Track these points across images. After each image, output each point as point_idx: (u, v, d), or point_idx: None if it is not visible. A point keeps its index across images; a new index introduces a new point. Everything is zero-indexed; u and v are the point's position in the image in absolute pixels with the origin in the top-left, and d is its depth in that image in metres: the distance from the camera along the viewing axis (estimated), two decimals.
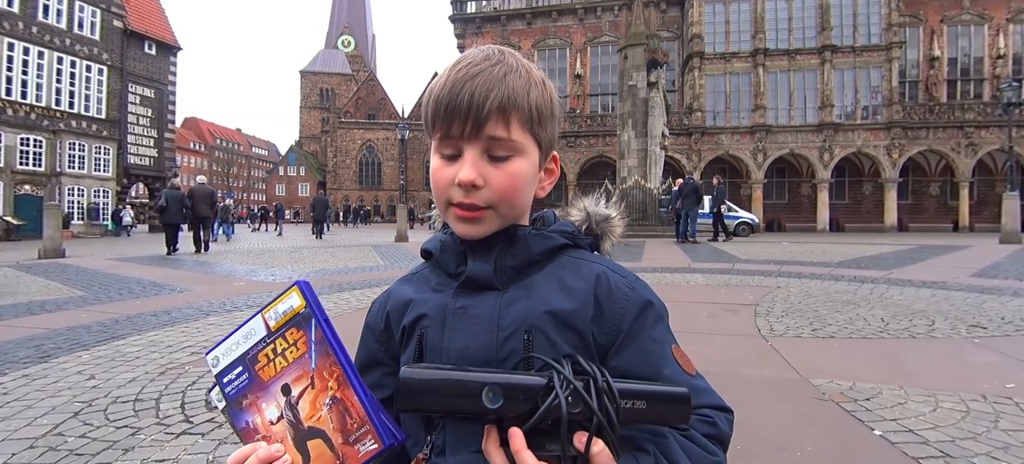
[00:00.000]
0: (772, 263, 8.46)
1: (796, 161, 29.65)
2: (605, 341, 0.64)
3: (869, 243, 14.58)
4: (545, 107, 0.67)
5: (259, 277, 7.00)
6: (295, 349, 0.59)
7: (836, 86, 27.95)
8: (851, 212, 29.99)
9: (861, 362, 2.82)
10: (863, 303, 4.54)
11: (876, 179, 28.75)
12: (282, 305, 0.59)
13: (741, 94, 28.97)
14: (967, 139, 26.84)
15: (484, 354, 0.63)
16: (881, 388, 2.30)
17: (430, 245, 0.75)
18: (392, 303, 0.75)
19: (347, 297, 5.09)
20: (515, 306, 0.65)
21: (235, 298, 5.05)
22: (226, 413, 0.60)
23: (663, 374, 0.63)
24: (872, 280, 6.12)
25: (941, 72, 29.01)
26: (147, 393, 2.30)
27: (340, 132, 71.26)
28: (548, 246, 0.69)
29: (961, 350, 2.96)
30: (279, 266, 8.57)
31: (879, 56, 27.53)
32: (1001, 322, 3.64)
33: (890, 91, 27.36)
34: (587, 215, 0.76)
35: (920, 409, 2.04)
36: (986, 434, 1.77)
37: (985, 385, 2.29)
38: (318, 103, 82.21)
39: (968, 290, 5.21)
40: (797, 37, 28.51)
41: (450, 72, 0.66)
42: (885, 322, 3.74)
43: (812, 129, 28.04)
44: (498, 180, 0.64)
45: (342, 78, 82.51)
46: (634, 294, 0.67)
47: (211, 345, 0.60)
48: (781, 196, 30.97)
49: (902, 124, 27.08)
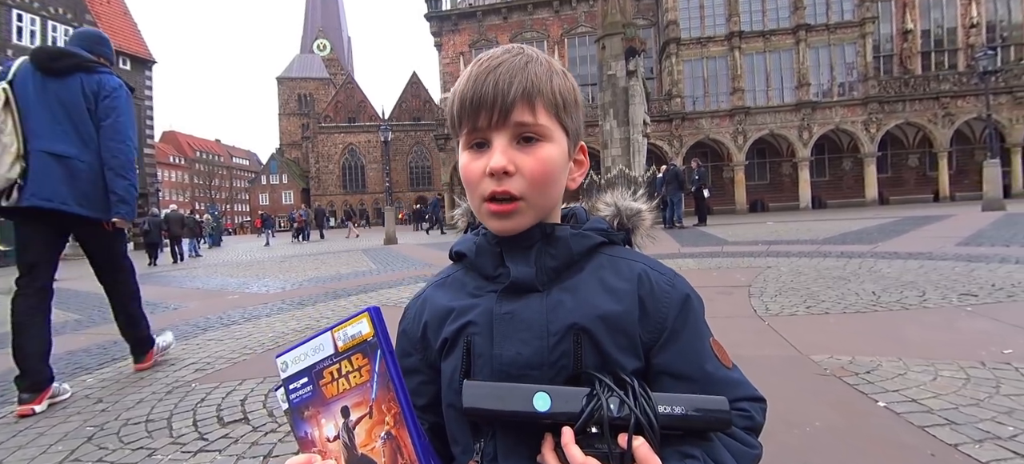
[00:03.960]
0: (760, 244, 8.59)
1: (776, 141, 30.06)
2: (649, 340, 0.65)
3: (852, 218, 14.85)
4: (569, 95, 0.68)
5: (252, 289, 6.93)
6: (358, 375, 0.60)
7: (812, 65, 28.37)
8: (832, 188, 30.53)
9: (858, 336, 2.89)
10: (853, 278, 4.64)
11: (855, 154, 29.29)
12: (352, 328, 0.60)
13: (719, 78, 29.27)
14: (944, 110, 27.45)
15: (535, 360, 0.63)
16: (880, 361, 2.37)
17: (463, 247, 0.74)
18: (429, 312, 0.74)
19: (345, 304, 5.07)
20: (561, 309, 0.64)
21: (230, 312, 5.00)
22: (288, 415, 0.62)
23: (706, 370, 0.65)
24: (859, 255, 6.24)
25: (915, 45, 29.57)
26: (157, 413, 2.28)
27: (321, 137, 70.59)
28: (587, 245, 0.69)
29: (954, 319, 3.04)
30: (271, 276, 8.49)
31: (853, 32, 27.99)
32: (991, 289, 3.75)
33: (865, 66, 27.84)
34: (617, 210, 0.76)
35: (920, 379, 2.10)
36: (988, 400, 1.84)
37: (982, 352, 2.36)
38: (297, 109, 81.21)
39: (955, 259, 5.34)
40: (771, 18, 28.85)
41: (471, 69, 0.66)
42: (877, 295, 3.83)
43: (790, 109, 28.45)
44: (529, 165, 0.64)
45: (320, 82, 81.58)
46: (675, 291, 0.67)
47: (282, 348, 0.63)
48: (763, 177, 31.40)
49: (878, 98, 27.60)
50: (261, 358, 3.19)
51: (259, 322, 4.39)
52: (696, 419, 0.56)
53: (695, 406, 0.57)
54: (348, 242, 21.05)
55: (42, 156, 2.44)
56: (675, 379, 0.64)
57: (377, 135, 67.27)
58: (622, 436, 0.54)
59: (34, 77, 2.48)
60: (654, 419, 0.55)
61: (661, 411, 0.55)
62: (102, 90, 2.58)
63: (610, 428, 0.54)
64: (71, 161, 2.50)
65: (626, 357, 0.63)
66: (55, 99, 2.49)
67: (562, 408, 0.55)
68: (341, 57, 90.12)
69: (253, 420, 2.17)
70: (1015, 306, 3.22)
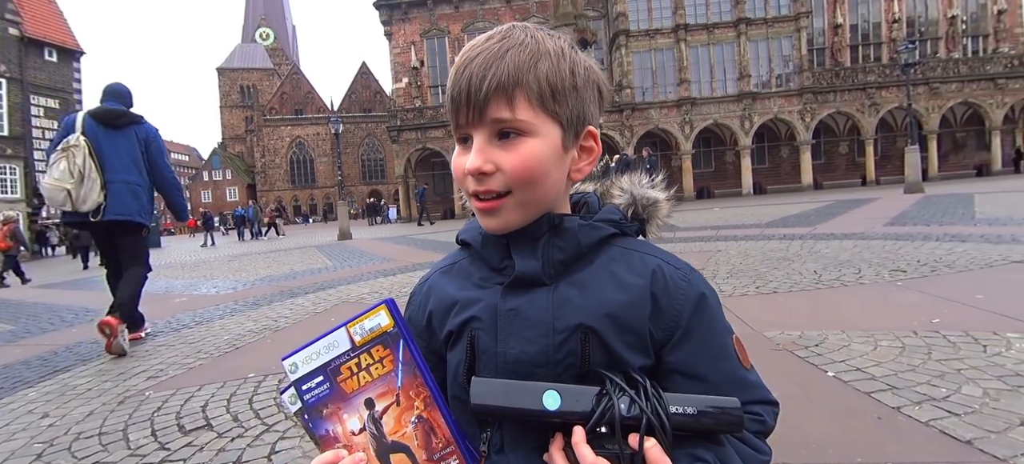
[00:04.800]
0: (709, 228, 8.98)
1: (720, 130, 31.33)
2: (662, 338, 0.62)
3: (791, 203, 15.74)
4: (560, 80, 0.60)
5: (201, 290, 6.60)
6: (380, 366, 0.60)
7: (752, 57, 29.71)
8: (772, 175, 32.18)
9: (804, 312, 3.09)
10: (796, 258, 4.94)
11: (792, 142, 30.97)
12: (369, 322, 0.60)
13: (666, 69, 30.15)
14: (870, 100, 29.47)
15: (541, 359, 0.61)
16: (826, 334, 2.55)
17: (469, 236, 0.71)
18: (434, 301, 0.71)
19: (302, 302, 4.92)
20: (568, 307, 0.62)
21: (179, 315, 4.76)
22: (299, 417, 0.61)
23: (720, 369, 0.62)
24: (800, 237, 6.65)
25: (844, 38, 31.51)
26: (111, 425, 2.16)
27: (266, 130, 67.63)
28: (597, 237, 0.65)
29: (888, 293, 3.31)
30: (220, 276, 8.11)
31: (789, 26, 29.48)
32: (917, 265, 4.09)
33: (800, 59, 29.43)
34: (632, 198, 0.72)
35: (863, 349, 2.28)
36: (923, 366, 2.02)
37: (914, 322, 2.59)
38: (240, 101, 77.27)
39: (884, 238, 5.78)
40: (714, 12, 29.93)
41: (457, 60, 0.63)
42: (818, 274, 4.10)
43: (733, 99, 29.72)
44: (509, 162, 0.59)
45: (263, 73, 77.87)
46: (690, 287, 0.64)
47: (287, 352, 0.61)
48: (708, 165, 32.70)
49: (812, 89, 29.29)
50: (219, 362, 3.07)
51: (212, 325, 4.20)
52: (708, 420, 0.55)
53: (708, 406, 0.55)
54: (300, 238, 20.36)
55: (118, 184, 3.52)
56: (687, 378, 0.62)
57: (326, 127, 65.11)
58: (633, 437, 0.53)
59: (100, 129, 3.55)
60: (666, 420, 0.53)
61: (673, 411, 0.54)
62: (149, 138, 3.74)
63: (621, 428, 0.53)
64: (135, 186, 3.61)
65: (635, 355, 0.61)
66: (121, 145, 3.60)
67: (572, 407, 0.54)
68: (285, 47, 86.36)
69: (217, 426, 2.09)
70: (938, 279, 3.54)
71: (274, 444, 1.89)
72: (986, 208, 8.46)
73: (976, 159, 31.27)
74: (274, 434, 1.97)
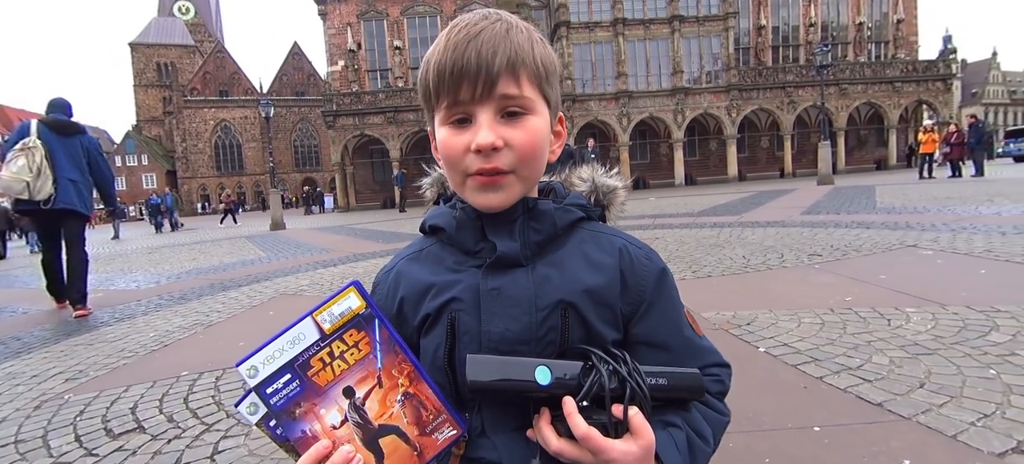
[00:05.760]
0: (646, 217, 9.36)
1: (655, 124, 32.61)
2: (629, 312, 0.66)
3: (719, 193, 16.70)
4: (550, 64, 0.65)
5: (118, 285, 6.09)
6: (356, 351, 0.57)
7: (685, 53, 31.07)
8: (701, 167, 33.94)
9: (736, 294, 3.32)
10: (727, 245, 5.28)
11: (720, 136, 32.78)
12: (338, 307, 0.57)
13: (605, 62, 30.90)
14: (788, 98, 31.74)
15: (524, 335, 0.63)
16: (756, 314, 2.76)
17: (441, 221, 0.70)
18: (406, 288, 0.71)
19: (237, 295, 4.66)
20: (548, 285, 0.64)
21: (97, 313, 4.38)
22: (263, 426, 0.57)
23: (681, 337, 0.68)
24: (729, 225, 7.09)
25: (767, 40, 33.63)
26: (28, 432, 1.97)
27: (187, 112, 62.80)
28: (570, 220, 0.68)
29: (807, 275, 3.62)
30: (140, 270, 7.51)
31: (718, 25, 31.05)
32: (831, 249, 4.49)
33: (728, 57, 31.13)
34: (594, 186, 0.75)
35: (788, 326, 2.49)
36: (839, 339, 2.24)
37: (830, 301, 2.86)
38: (156, 80, 70.91)
39: (801, 226, 6.28)
40: (650, 7, 30.96)
41: (448, 36, 0.62)
42: (747, 259, 4.40)
43: (667, 93, 30.99)
44: (519, 138, 0.61)
45: (183, 50, 71.90)
46: (652, 264, 0.68)
47: (241, 357, 0.56)
48: (644, 156, 33.99)
49: (738, 86, 31.10)
50: (146, 361, 2.86)
51: (135, 321, 3.90)
52: (677, 389, 0.61)
53: (675, 377, 0.61)
54: (228, 229, 19.17)
55: (65, 181, 4.31)
56: (652, 348, 0.66)
57: (255, 110, 61.45)
58: (616, 407, 0.56)
59: (53, 135, 4.33)
60: (647, 389, 0.57)
61: (649, 382, 0.58)
62: (91, 147, 4.59)
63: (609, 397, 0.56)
64: (78, 184, 4.41)
65: (608, 329, 0.65)
66: (69, 150, 4.39)
67: (562, 381, 0.57)
68: (208, 22, 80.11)
69: (151, 428, 1.96)
70: (849, 262, 3.91)
71: (216, 444, 1.80)
72: (885, 199, 9.39)
73: (876, 154, 34.59)
74: (215, 433, 1.88)
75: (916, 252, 4.08)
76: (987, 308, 2.47)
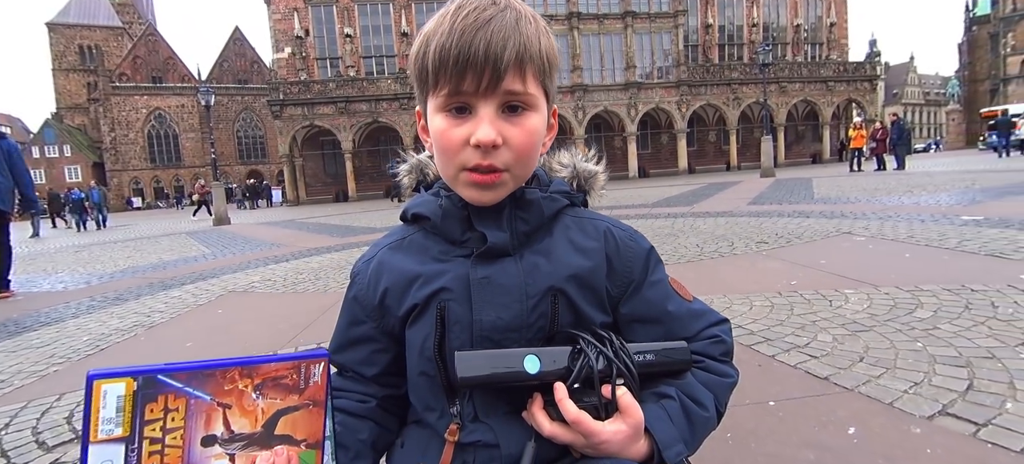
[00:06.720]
0: (604, 209, 9.50)
1: (609, 117, 33.29)
2: (617, 293, 0.67)
3: (670, 185, 17.27)
4: (553, 58, 0.63)
5: (42, 286, 5.64)
6: (176, 412, 0.51)
7: (637, 49, 31.83)
8: (653, 160, 34.99)
9: (691, 280, 3.43)
10: (681, 234, 5.46)
11: (671, 130, 33.89)
12: (107, 409, 0.48)
13: (561, 55, 31.06)
14: (734, 94, 33.16)
15: (516, 323, 0.63)
16: (711, 298, 2.86)
17: (425, 210, 0.68)
18: (389, 278, 0.69)
19: (180, 294, 4.40)
20: (538, 273, 0.64)
21: (19, 317, 4.03)
22: None
23: (669, 310, 0.68)
24: (682, 215, 7.34)
25: (714, 38, 34.95)
26: None
27: (116, 99, 58.27)
28: (556, 208, 0.68)
29: (756, 261, 3.80)
30: (66, 270, 6.96)
31: (668, 22, 31.98)
32: (776, 237, 4.73)
33: (678, 54, 32.15)
34: (575, 172, 0.75)
35: (741, 309, 2.61)
36: (788, 320, 2.37)
37: (778, 285, 3.01)
38: (79, 63, 65.48)
39: (748, 215, 6.59)
40: (604, 3, 31.49)
41: (453, 19, 0.58)
42: (700, 247, 4.57)
43: (620, 88, 31.68)
44: (517, 138, 0.60)
45: (110, 32, 66.66)
46: (636, 245, 0.70)
47: None
48: (599, 149, 34.49)
49: (688, 82, 32.20)
50: (81, 366, 2.66)
51: (64, 325, 3.61)
52: (665, 363, 0.62)
53: (662, 351, 0.63)
54: (163, 224, 18.08)
55: None
56: (644, 324, 0.68)
57: (193, 98, 57.97)
58: (605, 387, 0.57)
59: None
60: (634, 368, 0.59)
61: (637, 360, 0.60)
62: (12, 151, 5.27)
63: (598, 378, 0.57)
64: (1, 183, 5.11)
65: (596, 312, 0.65)
66: None
67: (551, 368, 0.58)
68: (137, 3, 74.71)
69: None
70: (792, 248, 4.13)
71: None
72: (821, 190, 10.00)
73: (812, 149, 36.79)
74: None
75: (851, 239, 4.36)
76: (912, 288, 2.67)
